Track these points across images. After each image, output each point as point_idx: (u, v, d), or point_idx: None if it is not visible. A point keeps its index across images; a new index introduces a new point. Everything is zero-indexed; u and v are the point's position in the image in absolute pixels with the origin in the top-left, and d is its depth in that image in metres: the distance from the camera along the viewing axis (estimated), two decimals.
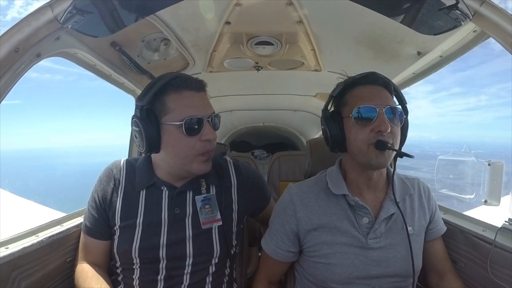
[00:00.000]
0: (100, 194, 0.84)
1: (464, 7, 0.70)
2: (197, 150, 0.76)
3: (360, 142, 0.74)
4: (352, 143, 0.76)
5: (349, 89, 0.78)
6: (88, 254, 0.84)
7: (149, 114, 0.75)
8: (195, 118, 0.75)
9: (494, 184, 0.89)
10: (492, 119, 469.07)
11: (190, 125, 0.74)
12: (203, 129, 0.76)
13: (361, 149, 0.74)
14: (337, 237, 0.78)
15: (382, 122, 0.71)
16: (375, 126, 0.72)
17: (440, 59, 1.10)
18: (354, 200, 0.78)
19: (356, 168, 0.80)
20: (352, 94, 0.77)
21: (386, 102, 0.74)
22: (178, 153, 0.77)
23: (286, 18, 1.08)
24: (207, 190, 0.85)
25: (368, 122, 0.73)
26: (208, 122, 0.77)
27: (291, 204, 0.82)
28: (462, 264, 0.88)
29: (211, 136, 0.77)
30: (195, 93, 0.78)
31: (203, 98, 0.79)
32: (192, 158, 0.77)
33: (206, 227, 0.82)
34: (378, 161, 0.73)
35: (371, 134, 0.73)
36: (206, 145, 0.77)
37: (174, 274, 0.80)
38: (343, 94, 0.79)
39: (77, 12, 0.70)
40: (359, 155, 0.76)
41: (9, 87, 0.67)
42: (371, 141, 0.73)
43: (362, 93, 0.76)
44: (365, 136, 0.73)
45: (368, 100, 0.74)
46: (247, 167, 0.96)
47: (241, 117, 2.98)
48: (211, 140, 0.77)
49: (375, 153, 0.73)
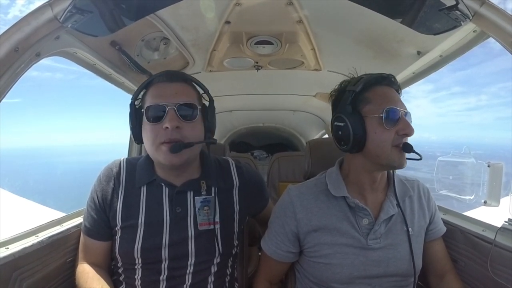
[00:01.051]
0: (99, 194, 0.83)
1: (464, 7, 0.70)
2: (159, 139, 0.76)
3: (385, 143, 0.73)
4: (375, 143, 0.74)
5: (371, 87, 0.76)
6: (89, 254, 0.84)
7: (136, 110, 0.82)
8: (155, 105, 0.77)
9: (494, 185, 0.89)
10: (493, 120, 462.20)
11: (151, 112, 0.77)
12: (165, 117, 0.75)
13: (384, 150, 0.73)
14: (337, 238, 0.78)
15: (408, 126, 0.73)
16: (400, 129, 0.73)
17: (440, 58, 1.10)
18: (354, 202, 0.78)
19: (364, 169, 0.79)
20: (376, 92, 0.76)
21: (404, 107, 0.76)
22: (146, 141, 0.80)
23: (286, 18, 1.08)
24: (207, 192, 0.85)
25: (393, 124, 0.73)
26: (173, 110, 0.75)
27: (291, 205, 0.82)
28: (463, 264, 0.88)
29: (169, 123, 0.74)
30: (165, 84, 0.80)
31: (173, 87, 0.79)
32: (157, 147, 0.77)
33: (202, 228, 0.82)
34: (401, 162, 0.74)
35: (395, 136, 0.73)
36: (167, 133, 0.75)
37: (177, 274, 0.80)
38: (364, 90, 0.76)
39: (77, 12, 0.70)
40: (381, 156, 0.74)
41: (9, 87, 0.67)
42: (394, 143, 0.73)
43: (385, 94, 0.76)
44: (390, 138, 0.73)
45: (393, 102, 0.74)
46: (248, 169, 0.96)
47: (240, 117, 2.98)
48: (170, 127, 0.74)
49: (398, 154, 0.74)
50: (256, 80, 1.88)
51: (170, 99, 0.76)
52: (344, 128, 0.76)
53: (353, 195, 0.79)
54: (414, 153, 0.74)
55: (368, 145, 0.74)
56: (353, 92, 0.76)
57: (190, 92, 0.81)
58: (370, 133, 0.74)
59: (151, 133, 0.77)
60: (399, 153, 0.74)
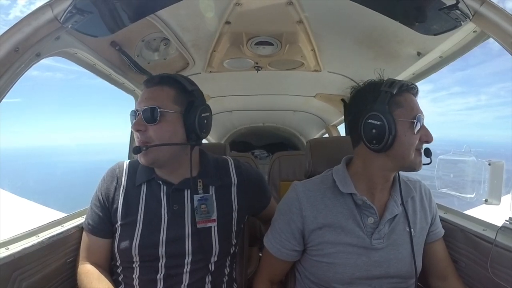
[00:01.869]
0: (103, 192, 0.86)
1: (464, 7, 0.70)
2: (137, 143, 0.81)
3: (411, 146, 0.76)
4: (404, 146, 0.76)
5: (404, 92, 0.78)
6: (91, 254, 0.85)
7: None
8: (132, 111, 0.83)
9: (495, 183, 0.89)
10: (492, 119, 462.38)
11: (131, 118, 0.83)
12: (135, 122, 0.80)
13: (409, 153, 0.76)
14: (341, 237, 0.78)
15: (429, 133, 0.77)
16: (423, 135, 0.77)
17: (440, 59, 1.10)
18: (362, 199, 0.78)
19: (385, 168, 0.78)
20: (407, 99, 0.78)
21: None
22: None
23: (286, 18, 1.08)
24: (204, 190, 0.86)
25: (420, 129, 0.77)
26: (139, 115, 0.80)
27: (297, 202, 0.81)
28: (463, 264, 0.88)
29: (134, 127, 0.80)
30: (145, 89, 0.84)
31: (148, 92, 0.82)
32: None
33: (200, 226, 0.83)
34: (420, 166, 0.78)
35: (419, 141, 0.77)
36: (138, 135, 0.81)
37: (174, 273, 0.80)
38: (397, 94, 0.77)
39: (77, 12, 0.70)
40: (406, 158, 0.76)
41: (8, 87, 0.67)
42: (418, 147, 0.77)
43: (413, 101, 0.79)
44: (415, 141, 0.76)
45: (419, 110, 0.78)
46: (247, 167, 0.96)
47: (241, 117, 2.98)
48: (134, 130, 0.81)
49: (419, 158, 0.78)
50: (256, 81, 1.88)
51: (141, 104, 0.81)
52: (380, 127, 0.74)
53: (361, 193, 0.79)
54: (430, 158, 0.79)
55: (396, 146, 0.75)
56: (391, 94, 0.76)
57: (160, 95, 0.81)
58: (400, 136, 0.75)
59: (134, 136, 0.84)
60: (419, 156, 0.78)
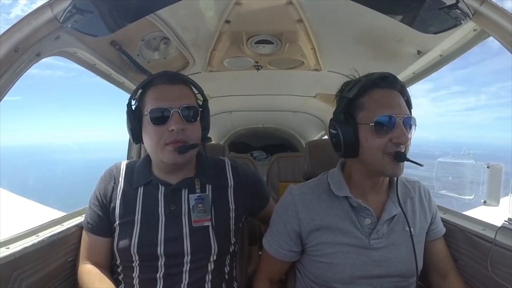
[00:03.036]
0: (101, 192, 0.86)
1: (464, 6, 0.69)
2: (164, 140, 0.78)
3: (376, 151, 0.72)
4: (367, 151, 0.73)
5: (367, 91, 0.74)
6: (91, 253, 0.85)
7: (136, 108, 0.83)
8: (159, 108, 0.78)
9: (493, 186, 0.90)
10: (492, 120, 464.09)
11: (155, 115, 0.78)
12: (170, 119, 0.78)
13: (376, 157, 0.72)
14: (339, 238, 0.78)
15: (402, 133, 0.70)
16: (394, 137, 0.70)
17: (440, 58, 1.09)
18: (357, 202, 0.78)
19: (364, 173, 0.78)
20: (371, 98, 0.73)
21: (404, 112, 0.72)
22: (149, 143, 0.81)
23: (286, 17, 1.08)
24: (201, 190, 0.86)
25: (387, 131, 0.71)
26: (177, 113, 0.78)
27: (293, 205, 0.82)
28: (463, 263, 0.88)
29: (176, 126, 0.77)
30: (167, 86, 0.81)
31: (176, 90, 0.81)
32: (161, 148, 0.79)
33: (196, 225, 0.83)
34: (394, 171, 0.72)
35: (388, 143, 0.71)
36: (173, 134, 0.78)
37: (173, 272, 0.81)
38: (359, 96, 0.74)
39: (76, 12, 0.70)
40: (374, 164, 0.73)
41: (8, 87, 0.67)
42: (387, 150, 0.71)
43: (381, 98, 0.72)
44: (381, 145, 0.71)
45: (387, 107, 0.71)
46: (244, 168, 0.96)
47: (240, 118, 2.98)
48: (176, 129, 0.77)
49: (391, 163, 0.71)
50: (256, 80, 1.88)
51: (174, 102, 0.79)
52: (336, 135, 0.76)
53: (355, 196, 0.79)
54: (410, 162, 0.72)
55: (361, 152, 0.74)
56: (346, 99, 0.75)
57: (190, 94, 0.84)
58: (362, 141, 0.73)
59: (155, 134, 0.79)
60: (392, 161, 0.71)
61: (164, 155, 0.79)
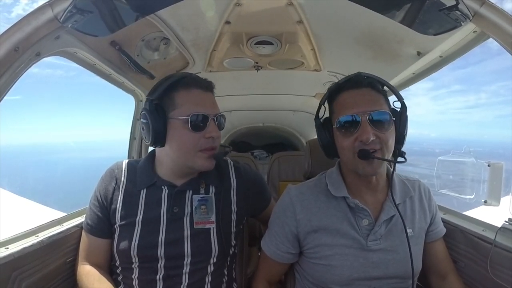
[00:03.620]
0: (102, 193, 0.85)
1: (464, 7, 0.70)
2: (200, 146, 0.78)
3: (347, 151, 0.74)
4: (340, 151, 0.77)
5: (335, 96, 0.77)
6: (90, 254, 0.85)
7: (158, 108, 0.78)
8: (201, 115, 0.78)
9: (494, 184, 0.89)
10: (492, 118, 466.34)
11: (195, 121, 0.77)
12: (208, 127, 0.78)
13: (348, 158, 0.74)
14: (337, 239, 0.78)
15: (364, 131, 0.70)
16: (358, 135, 0.71)
17: (440, 59, 1.10)
18: (354, 202, 0.78)
19: (348, 172, 0.80)
20: (338, 101, 0.76)
21: (370, 107, 0.72)
22: (182, 147, 0.79)
23: (286, 18, 1.08)
24: (206, 191, 0.86)
25: (352, 131, 0.72)
26: (213, 121, 0.79)
27: (291, 206, 0.82)
28: (463, 264, 0.88)
29: (215, 133, 0.79)
30: (203, 92, 0.81)
31: (210, 97, 0.83)
32: (194, 153, 0.79)
33: (198, 227, 0.82)
34: (365, 170, 0.72)
35: (356, 142, 0.71)
36: (209, 141, 0.79)
37: (173, 274, 0.80)
38: (331, 100, 0.79)
39: (77, 11, 0.70)
40: (348, 164, 0.76)
41: (8, 86, 0.67)
42: (356, 150, 0.72)
43: (345, 100, 0.75)
44: (349, 145, 0.73)
45: (350, 107, 0.73)
46: (247, 169, 0.96)
47: (240, 117, 2.98)
48: (215, 137, 0.79)
49: (361, 162, 0.72)
50: (256, 80, 1.88)
51: (211, 109, 0.80)
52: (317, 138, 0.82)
53: (353, 196, 0.79)
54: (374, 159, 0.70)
55: (339, 152, 0.78)
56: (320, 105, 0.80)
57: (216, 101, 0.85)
58: (336, 142, 0.77)
59: (192, 140, 0.78)
60: (362, 161, 0.71)
61: (196, 161, 0.79)
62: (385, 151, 0.72)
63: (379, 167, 0.73)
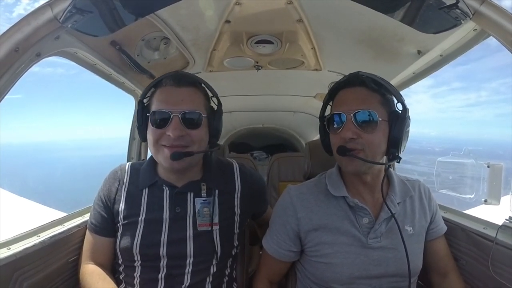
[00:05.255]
0: (105, 193, 0.86)
1: (464, 6, 0.69)
2: (161, 141, 0.78)
3: (334, 148, 0.77)
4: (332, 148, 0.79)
5: (334, 95, 0.80)
6: (94, 253, 0.85)
7: (143, 107, 0.83)
8: (160, 111, 0.77)
9: (494, 185, 0.90)
10: (493, 116, 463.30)
11: (155, 118, 0.78)
12: (169, 124, 0.77)
13: (335, 154, 0.77)
14: (337, 237, 0.78)
15: (345, 129, 0.72)
16: (341, 132, 0.73)
17: (441, 58, 1.10)
18: (353, 201, 0.78)
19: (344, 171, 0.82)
20: (336, 99, 0.79)
21: (356, 106, 0.72)
22: (149, 141, 0.81)
23: (286, 17, 1.08)
24: (208, 193, 0.85)
25: (338, 128, 0.74)
26: (177, 118, 0.76)
27: (291, 205, 0.82)
28: (464, 262, 0.89)
29: (172, 132, 0.75)
30: (173, 88, 0.80)
31: (180, 93, 0.79)
32: (158, 147, 0.79)
33: (201, 229, 0.82)
34: (347, 168, 0.75)
35: (341, 141, 0.73)
36: (169, 139, 0.76)
37: (175, 273, 0.81)
38: (331, 99, 0.81)
39: (76, 12, 0.70)
40: (337, 160, 0.79)
41: (9, 87, 0.67)
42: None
43: (340, 99, 0.78)
44: (336, 142, 0.75)
45: (340, 106, 0.75)
46: (253, 173, 0.96)
47: (240, 118, 2.98)
48: (172, 136, 0.75)
49: (343, 159, 0.74)
50: (256, 80, 1.88)
51: (176, 106, 0.77)
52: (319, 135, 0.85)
53: (352, 195, 0.80)
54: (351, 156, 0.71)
55: None
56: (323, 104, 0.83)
57: (196, 98, 0.81)
58: (331, 139, 0.79)
59: (154, 135, 0.79)
60: (346, 158, 0.73)
61: (160, 156, 0.79)
62: (368, 153, 0.72)
63: (361, 166, 0.73)
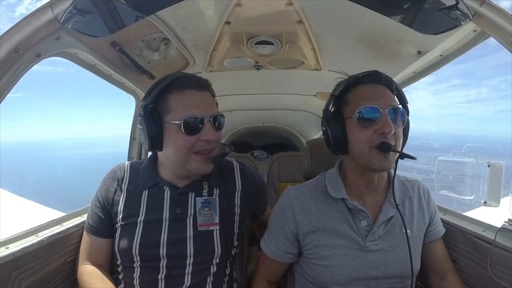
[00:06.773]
0: (103, 194, 0.85)
1: (464, 7, 0.70)
2: (194, 149, 0.76)
3: (363, 144, 0.72)
4: (354, 144, 0.74)
5: (351, 88, 0.76)
6: (92, 254, 0.85)
7: (153, 113, 0.76)
8: (194, 117, 0.75)
9: (494, 185, 0.89)
10: (493, 112, 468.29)
11: (189, 124, 0.74)
12: (203, 129, 0.76)
13: (363, 151, 0.72)
14: (336, 240, 0.78)
15: (386, 123, 0.69)
16: (378, 128, 0.70)
17: (441, 58, 1.09)
18: (352, 204, 0.78)
19: (357, 170, 0.79)
20: (355, 93, 0.75)
21: (389, 102, 0.72)
22: (177, 151, 0.77)
23: (286, 18, 1.08)
24: (209, 193, 0.85)
25: (371, 123, 0.71)
26: (209, 122, 0.76)
27: (290, 206, 0.82)
28: (462, 264, 0.88)
29: (211, 136, 0.76)
30: (197, 92, 0.77)
31: (205, 97, 0.79)
32: (189, 157, 0.77)
33: (202, 229, 0.82)
34: (381, 164, 0.71)
35: (374, 136, 0.70)
36: (205, 144, 0.76)
37: (175, 274, 0.80)
38: (345, 93, 0.77)
39: (77, 12, 0.70)
40: (361, 158, 0.73)
41: (9, 87, 0.67)
42: (373, 143, 0.71)
43: (364, 93, 0.73)
44: (367, 138, 0.71)
45: (370, 100, 0.72)
46: (253, 173, 0.96)
47: (241, 117, 2.98)
48: (211, 140, 0.76)
49: (378, 156, 0.71)
50: (256, 80, 1.88)
51: (207, 110, 0.76)
52: (325, 132, 0.78)
53: (352, 197, 0.79)
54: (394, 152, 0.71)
55: (350, 147, 0.75)
56: (333, 97, 0.78)
57: (213, 100, 0.82)
58: (349, 135, 0.74)
59: (186, 143, 0.75)
60: (379, 154, 0.70)
61: (191, 165, 0.77)
62: (398, 148, 0.72)
63: (392, 162, 0.73)
